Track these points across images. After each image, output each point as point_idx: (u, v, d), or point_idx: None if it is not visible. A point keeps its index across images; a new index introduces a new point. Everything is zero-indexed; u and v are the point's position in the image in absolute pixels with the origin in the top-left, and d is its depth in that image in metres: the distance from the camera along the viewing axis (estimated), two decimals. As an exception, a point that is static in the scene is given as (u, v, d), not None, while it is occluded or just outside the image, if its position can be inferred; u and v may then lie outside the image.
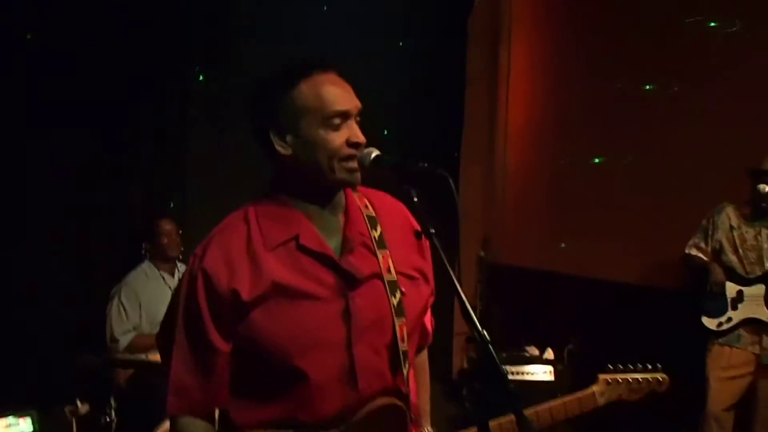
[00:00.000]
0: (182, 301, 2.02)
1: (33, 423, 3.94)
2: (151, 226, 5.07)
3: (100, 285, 5.18)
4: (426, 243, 2.16)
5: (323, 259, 1.98)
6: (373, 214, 2.12)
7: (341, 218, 2.07)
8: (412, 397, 2.13)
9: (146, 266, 5.03)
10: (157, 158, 5.55)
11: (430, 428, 2.37)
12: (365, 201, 2.14)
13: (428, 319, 2.31)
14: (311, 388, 1.96)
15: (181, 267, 5.12)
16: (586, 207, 6.52)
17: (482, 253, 6.48)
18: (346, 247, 2.03)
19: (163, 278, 5.02)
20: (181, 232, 5.11)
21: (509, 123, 7.48)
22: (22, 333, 4.85)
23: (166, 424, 3.93)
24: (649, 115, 6.00)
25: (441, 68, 7.13)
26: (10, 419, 3.90)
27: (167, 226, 5.05)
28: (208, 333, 1.97)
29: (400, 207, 2.18)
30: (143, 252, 5.08)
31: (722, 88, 5.47)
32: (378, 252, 2.06)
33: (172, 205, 5.56)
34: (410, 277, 2.11)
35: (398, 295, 2.04)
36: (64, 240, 5.14)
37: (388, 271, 2.05)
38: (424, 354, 2.43)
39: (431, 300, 2.26)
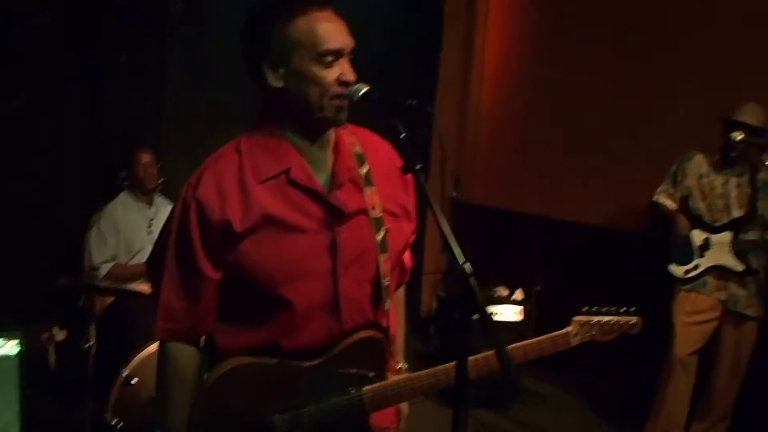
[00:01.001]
0: (174, 229, 2.05)
1: (20, 345, 3.94)
2: (130, 156, 4.99)
3: (76, 211, 5.16)
4: (410, 181, 2.22)
5: (312, 193, 2.03)
6: (361, 152, 2.16)
7: (330, 154, 2.10)
8: (392, 331, 2.19)
9: (124, 196, 4.99)
10: (135, 86, 5.47)
11: (404, 363, 2.43)
12: (353, 138, 2.18)
13: (407, 257, 2.37)
14: (296, 317, 2.02)
15: (159, 198, 5.11)
16: (558, 150, 6.62)
17: (454, 193, 6.52)
18: (334, 182, 2.07)
19: (141, 209, 5.00)
20: (160, 164, 5.04)
21: (485, 65, 7.51)
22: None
23: (144, 351, 4.02)
24: (623, 61, 6.06)
25: (419, 8, 7.11)
26: (-2, 340, 3.91)
27: (146, 157, 4.97)
28: (198, 260, 2.01)
29: (386, 145, 2.22)
30: (121, 180, 5.01)
31: (697, 36, 5.53)
32: (365, 188, 2.10)
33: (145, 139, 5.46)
34: (394, 214, 2.17)
35: (382, 231, 2.10)
36: (42, 166, 5.09)
37: (374, 207, 2.10)
38: (401, 291, 2.50)
39: (413, 237, 2.32)
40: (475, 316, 1.73)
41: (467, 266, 1.74)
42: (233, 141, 2.10)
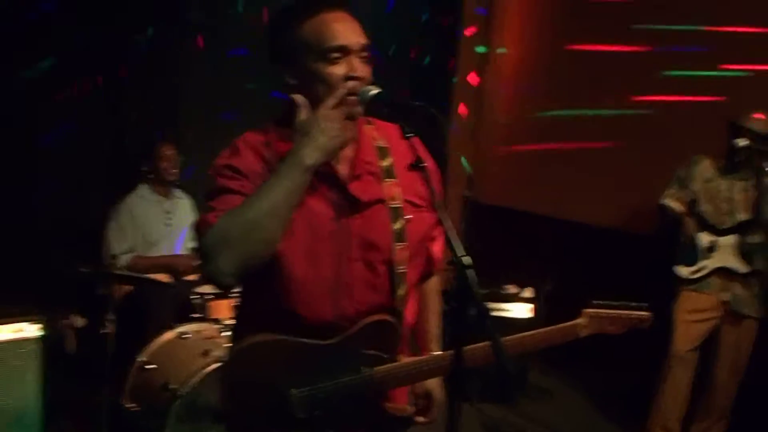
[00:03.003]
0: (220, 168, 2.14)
1: (43, 329, 4.05)
2: (152, 149, 5.07)
3: (98, 201, 5.25)
4: (433, 175, 2.31)
5: (332, 180, 2.13)
6: (385, 146, 2.26)
7: (352, 147, 2.20)
8: (408, 318, 2.28)
9: (143, 189, 5.08)
10: (156, 82, 5.61)
11: (439, 351, 2.49)
12: (377, 133, 2.28)
13: (437, 248, 2.43)
14: (311, 295, 2.11)
15: (177, 192, 5.21)
16: (569, 152, 6.69)
17: (467, 192, 6.59)
18: (353, 173, 2.17)
19: (159, 202, 5.09)
20: (181, 158, 5.13)
21: (501, 67, 7.60)
22: (23, 246, 5.00)
23: (160, 339, 4.13)
24: (634, 64, 6.13)
25: (437, 10, 7.22)
26: (22, 325, 4.04)
27: (168, 150, 5.06)
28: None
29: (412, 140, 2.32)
30: (142, 174, 5.10)
31: (706, 39, 5.60)
32: (384, 180, 2.20)
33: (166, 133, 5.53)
34: (416, 205, 2.25)
35: (401, 221, 2.18)
36: (65, 156, 5.24)
37: (393, 198, 2.19)
38: (435, 280, 2.57)
39: (437, 228, 2.37)
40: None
41: (466, 259, 1.81)
42: (258, 129, 2.21)
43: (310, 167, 2.02)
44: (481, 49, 7.70)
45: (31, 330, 4.05)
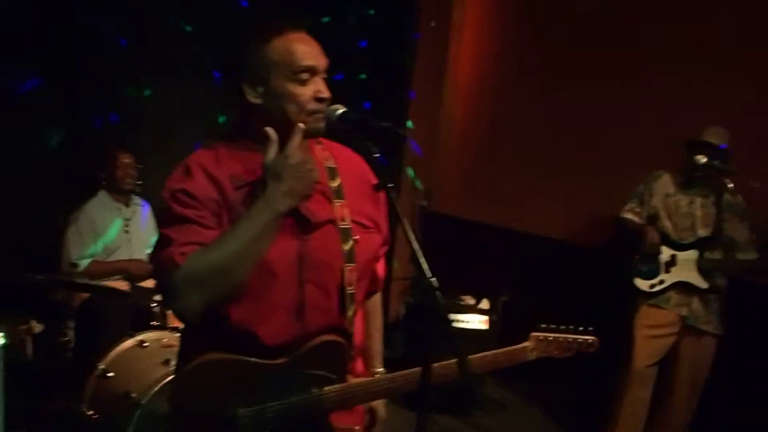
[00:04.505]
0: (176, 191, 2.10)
1: (4, 338, 3.96)
2: (109, 156, 5.04)
3: (52, 208, 5.21)
4: (381, 194, 2.33)
5: None
6: (334, 166, 2.27)
7: None
8: (356, 337, 2.30)
9: (102, 195, 5.03)
10: (116, 89, 5.56)
11: (382, 368, 2.56)
12: (327, 153, 2.29)
13: (381, 267, 2.48)
14: (262, 316, 2.10)
15: (137, 199, 5.17)
16: (526, 165, 6.75)
17: (424, 203, 6.60)
18: None
19: (119, 209, 5.05)
20: (140, 166, 5.10)
21: (457, 79, 7.64)
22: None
23: (120, 347, 4.07)
24: (587, 79, 6.20)
25: (394, 23, 7.26)
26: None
27: (125, 158, 5.03)
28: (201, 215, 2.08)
29: (360, 160, 2.34)
30: (101, 181, 5.06)
31: (659, 57, 5.66)
32: (334, 201, 2.21)
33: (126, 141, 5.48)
34: (364, 226, 2.27)
35: (350, 242, 2.20)
36: (17, 163, 5.18)
37: (343, 219, 2.20)
38: (377, 298, 2.61)
39: (384, 248, 2.43)
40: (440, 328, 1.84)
41: (434, 281, 1.85)
42: (208, 147, 2.20)
43: (282, 213, 2.04)
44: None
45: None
